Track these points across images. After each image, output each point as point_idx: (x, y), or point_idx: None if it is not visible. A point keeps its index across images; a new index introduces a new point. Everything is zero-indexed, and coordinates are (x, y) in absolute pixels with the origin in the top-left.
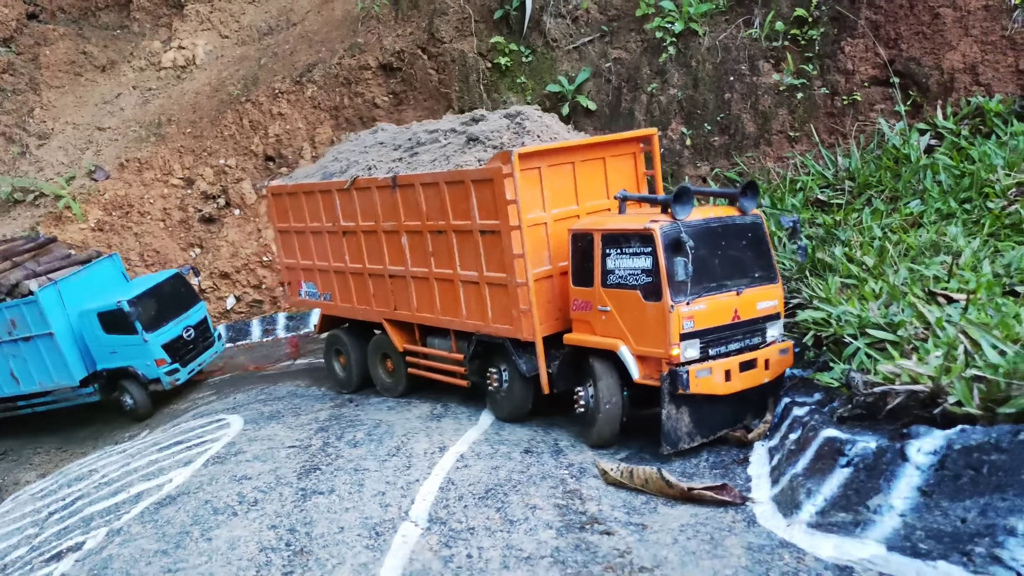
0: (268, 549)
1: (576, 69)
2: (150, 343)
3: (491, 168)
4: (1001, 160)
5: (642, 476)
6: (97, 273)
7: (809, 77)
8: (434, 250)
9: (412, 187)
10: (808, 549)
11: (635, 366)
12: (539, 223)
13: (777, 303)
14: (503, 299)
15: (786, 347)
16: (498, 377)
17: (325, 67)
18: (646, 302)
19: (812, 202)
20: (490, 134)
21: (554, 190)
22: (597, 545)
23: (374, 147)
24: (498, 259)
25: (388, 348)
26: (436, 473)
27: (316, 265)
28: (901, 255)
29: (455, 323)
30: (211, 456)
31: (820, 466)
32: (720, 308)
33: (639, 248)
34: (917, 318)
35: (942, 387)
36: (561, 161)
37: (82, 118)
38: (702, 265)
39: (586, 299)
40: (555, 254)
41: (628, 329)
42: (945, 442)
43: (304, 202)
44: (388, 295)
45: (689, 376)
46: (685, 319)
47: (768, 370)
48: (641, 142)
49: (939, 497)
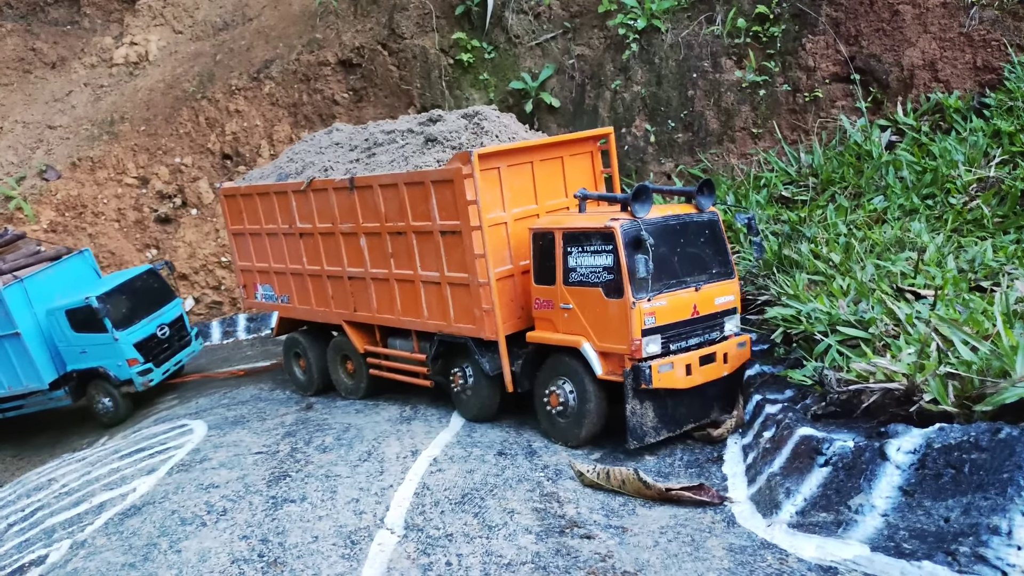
0: (240, 560)
1: (539, 66)
2: (121, 342)
3: (451, 169)
4: (961, 156)
5: (619, 477)
6: (67, 270)
7: (771, 74)
8: (394, 251)
9: (370, 188)
10: (790, 550)
11: (598, 363)
12: (499, 223)
13: (734, 298)
14: (465, 299)
15: (744, 340)
16: (462, 377)
17: (283, 63)
18: (608, 299)
19: (776, 199)
20: (448, 134)
21: (514, 190)
22: (578, 549)
23: (330, 148)
24: (459, 259)
25: (348, 349)
26: (410, 478)
27: (272, 267)
28: (867, 251)
29: (416, 323)
30: (175, 464)
31: (798, 465)
32: (680, 304)
33: (600, 246)
34: (887, 315)
35: (917, 385)
36: (520, 161)
37: (32, 116)
38: (662, 262)
39: (548, 297)
40: (516, 253)
41: (591, 326)
42: (924, 441)
43: (259, 204)
44: (347, 297)
45: (652, 371)
46: (646, 315)
47: (727, 363)
48: (598, 141)
49: (921, 496)
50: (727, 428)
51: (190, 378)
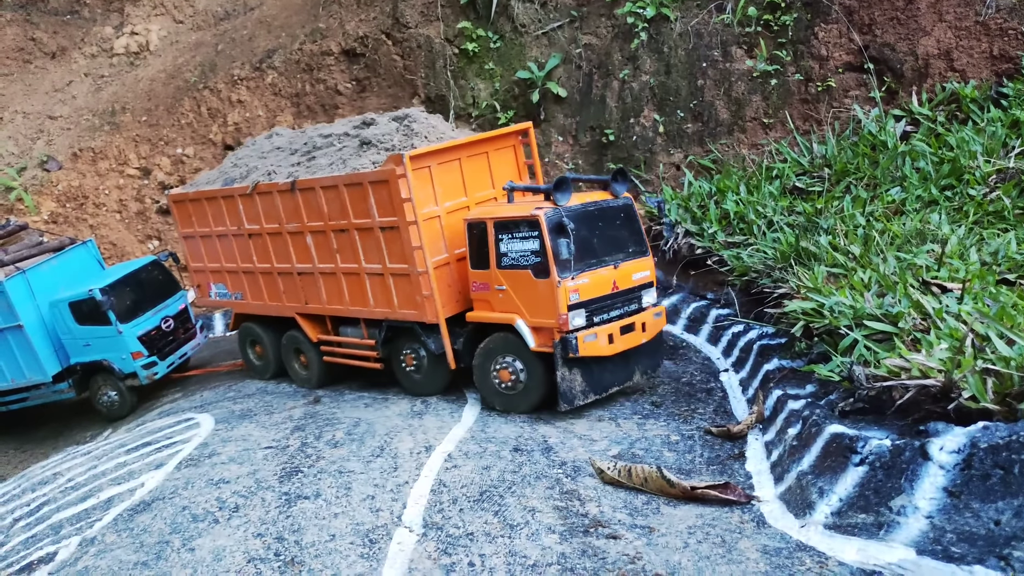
0: (257, 560)
1: (546, 55)
2: (125, 335)
3: (385, 170)
4: (980, 147)
5: (641, 475)
6: (70, 261)
7: (783, 63)
8: (338, 247)
9: (312, 190)
10: (829, 552)
11: (531, 336)
12: (433, 216)
13: (649, 273)
14: (407, 287)
15: (659, 311)
16: (414, 357)
17: (285, 53)
18: (536, 279)
19: (789, 190)
20: (382, 137)
21: (444, 185)
22: (605, 550)
23: (272, 152)
24: (399, 252)
25: (301, 344)
26: (425, 474)
27: (224, 267)
28: (887, 244)
29: (364, 312)
30: (184, 458)
31: (830, 464)
32: (601, 280)
33: (527, 232)
34: (915, 308)
35: (954, 381)
36: (449, 159)
37: (32, 107)
38: (583, 244)
39: (484, 280)
40: (450, 243)
41: (523, 304)
42: (968, 440)
43: (207, 208)
44: (298, 291)
45: (578, 341)
46: (571, 292)
47: (646, 332)
48: (520, 135)
49: (968, 498)
50: (747, 423)
51: (193, 373)
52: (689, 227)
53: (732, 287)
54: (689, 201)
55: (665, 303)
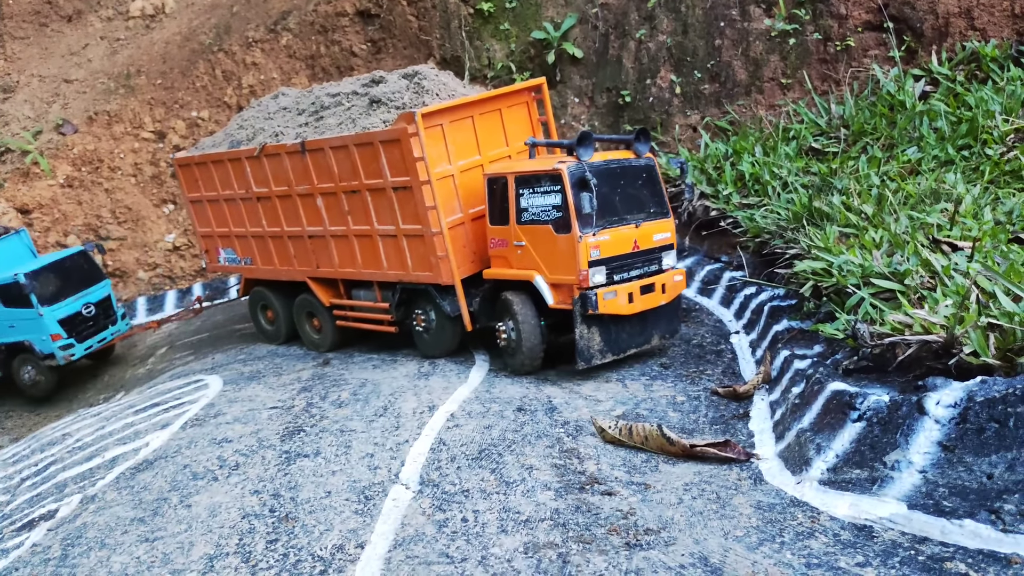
0: (251, 515)
1: (562, 15)
2: (45, 317)
3: (397, 129)
4: (998, 106)
5: (641, 433)
6: (3, 249)
7: (801, 22)
8: (350, 209)
9: (322, 151)
10: (822, 507)
11: (549, 293)
12: (447, 175)
13: (670, 235)
14: (421, 248)
15: (680, 274)
16: (425, 319)
17: (300, 15)
18: (557, 235)
19: (806, 151)
20: (392, 95)
21: (457, 144)
22: (599, 507)
23: (279, 113)
24: (412, 212)
25: (313, 307)
26: (426, 434)
27: (233, 231)
28: (900, 203)
29: (377, 275)
30: (189, 418)
31: (829, 420)
32: (622, 239)
33: (549, 187)
34: (923, 266)
35: (956, 337)
36: (461, 116)
37: (48, 70)
38: (605, 201)
39: (503, 237)
40: (465, 202)
41: (542, 260)
42: (965, 394)
43: (214, 171)
44: (309, 255)
45: (597, 298)
46: (592, 248)
47: (665, 293)
48: (533, 92)
49: (962, 452)
50: (753, 384)
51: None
52: (704, 189)
53: (745, 249)
54: (705, 163)
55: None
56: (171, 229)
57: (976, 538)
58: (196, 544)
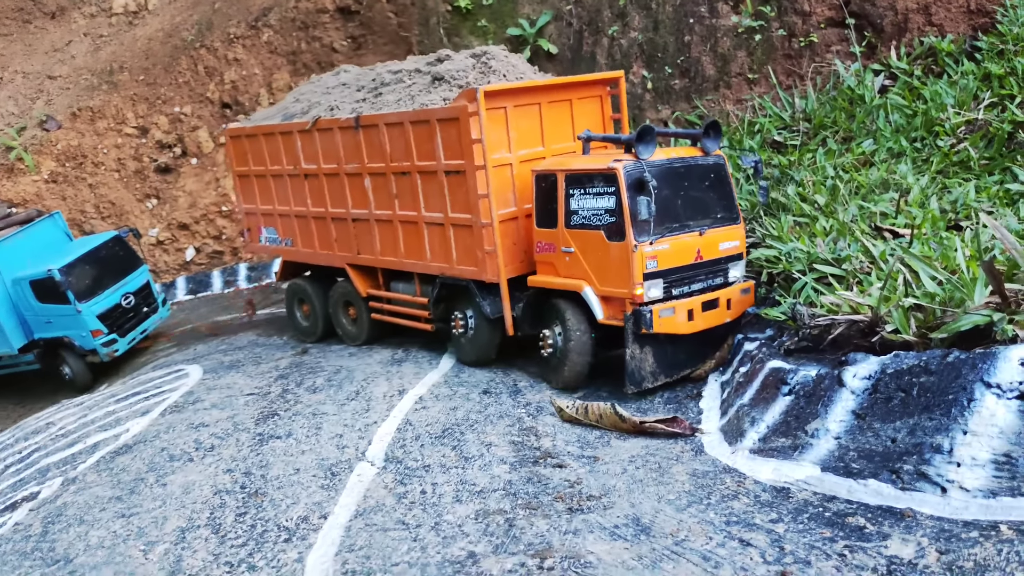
0: (223, 492)
1: (537, 12)
2: (84, 313)
3: (457, 107)
4: (951, 99)
5: (596, 412)
6: (37, 234)
7: (767, 19)
8: (398, 192)
9: (376, 127)
10: (748, 473)
11: (599, 307)
12: (504, 164)
13: (739, 243)
14: (468, 240)
15: (747, 287)
16: (463, 321)
17: (281, 11)
18: (610, 242)
19: (769, 143)
20: (456, 73)
21: (520, 131)
22: (549, 477)
23: (337, 88)
24: (463, 200)
25: (351, 296)
26: (394, 415)
27: (277, 210)
28: (852, 193)
29: (419, 266)
30: (169, 405)
31: (764, 395)
32: (683, 248)
33: (602, 188)
34: (863, 253)
35: (880, 316)
36: (527, 102)
37: (32, 66)
38: (665, 205)
39: (550, 240)
40: (520, 196)
41: (592, 270)
42: (880, 367)
43: (264, 145)
44: (351, 239)
45: (652, 316)
46: (648, 259)
47: (730, 310)
48: (608, 84)
49: (871, 419)
50: (707, 367)
51: None
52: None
53: None
54: None
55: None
56: (155, 223)
57: (877, 496)
58: (169, 518)
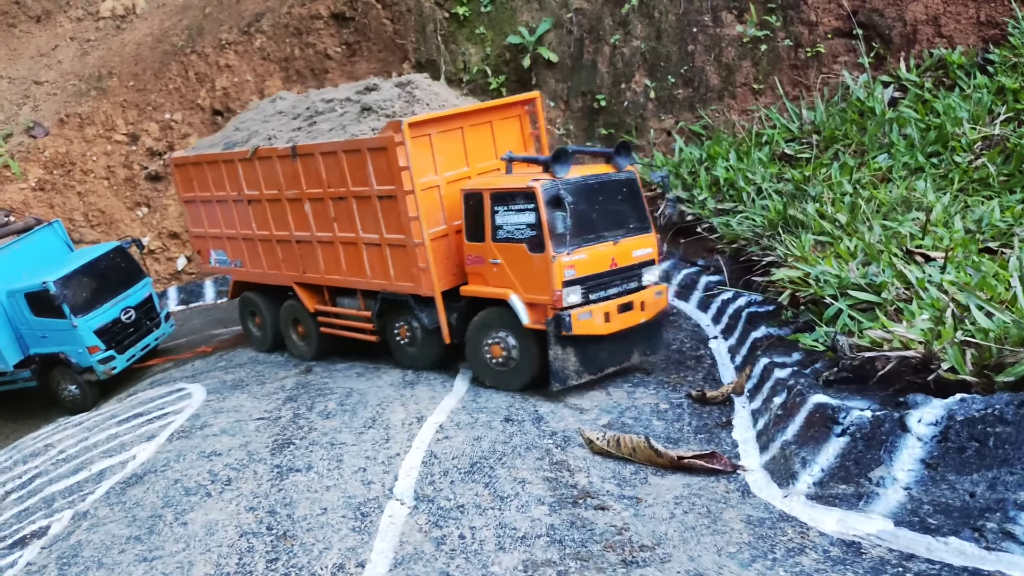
0: (249, 534)
1: (537, 20)
2: (80, 328)
3: (384, 137)
4: (966, 113)
5: (629, 445)
6: (35, 244)
7: (772, 29)
8: (336, 215)
9: (312, 156)
10: (809, 522)
11: (524, 313)
12: (432, 186)
13: (652, 250)
14: (403, 259)
15: (661, 290)
16: (408, 330)
17: (274, 16)
18: (532, 254)
19: (778, 156)
20: (383, 103)
21: (445, 154)
22: (593, 522)
23: (274, 116)
24: (396, 222)
25: (299, 314)
26: (416, 446)
27: (224, 233)
28: (873, 212)
29: (361, 283)
30: (175, 430)
31: (813, 434)
32: (599, 257)
33: (523, 205)
34: (898, 278)
35: (934, 353)
36: (450, 127)
37: (17, 71)
38: (581, 218)
39: (479, 253)
40: (449, 214)
41: (517, 279)
42: (946, 412)
43: (208, 172)
44: (296, 259)
45: (571, 319)
46: (566, 268)
47: (645, 311)
48: (526, 105)
49: (945, 470)
50: (722, 392)
51: (157, 362)
52: (680, 193)
53: (721, 254)
54: (680, 167)
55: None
56: (145, 232)
57: (961, 555)
58: (196, 563)
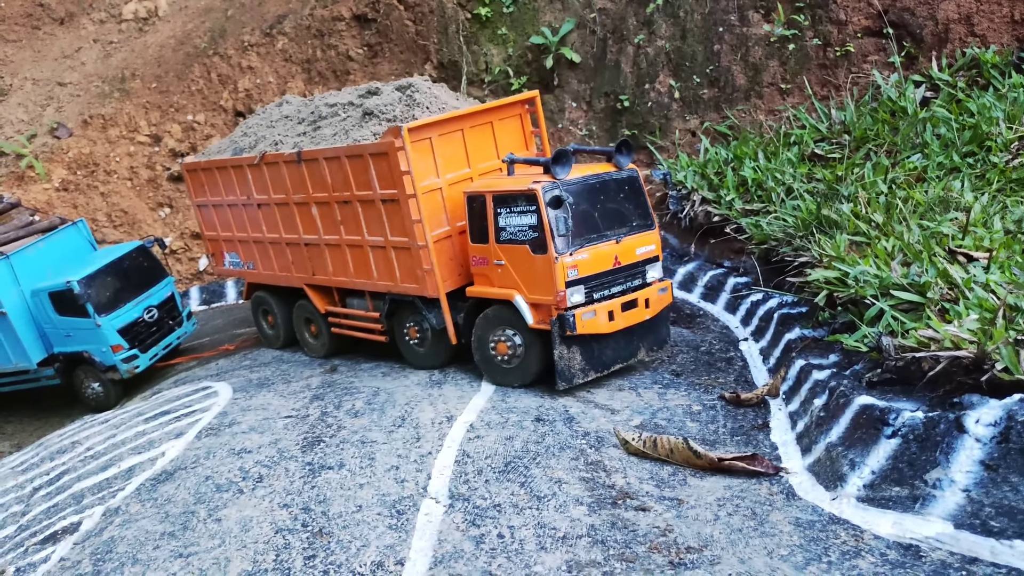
0: (284, 530)
1: (560, 20)
2: (104, 328)
3: (385, 142)
4: (1001, 113)
5: (667, 446)
6: (59, 243)
7: (800, 28)
8: (342, 219)
9: (316, 161)
10: (864, 525)
11: (529, 313)
12: (434, 189)
13: (655, 247)
14: (408, 261)
15: (665, 286)
16: (419, 332)
17: (296, 18)
18: (534, 255)
19: (808, 156)
20: (384, 107)
21: (446, 157)
22: (635, 523)
23: (280, 121)
24: (400, 225)
25: (311, 314)
26: (448, 445)
27: (236, 236)
28: (910, 212)
29: (368, 285)
30: (204, 428)
31: (861, 436)
32: (601, 256)
33: (525, 207)
34: (942, 278)
35: (987, 353)
36: (450, 130)
37: (41, 73)
38: (583, 218)
39: (483, 255)
40: (452, 215)
41: (521, 280)
42: (1005, 413)
43: (218, 177)
44: (305, 262)
45: (575, 319)
46: (569, 268)
47: (649, 308)
48: (526, 104)
49: (1006, 472)
50: (757, 394)
51: (179, 361)
52: (706, 194)
53: (751, 255)
54: (706, 168)
55: (681, 271)
56: (167, 233)
57: None
58: (232, 560)
